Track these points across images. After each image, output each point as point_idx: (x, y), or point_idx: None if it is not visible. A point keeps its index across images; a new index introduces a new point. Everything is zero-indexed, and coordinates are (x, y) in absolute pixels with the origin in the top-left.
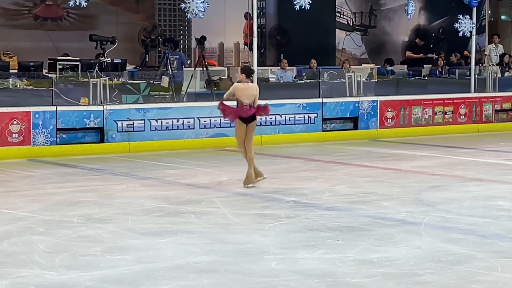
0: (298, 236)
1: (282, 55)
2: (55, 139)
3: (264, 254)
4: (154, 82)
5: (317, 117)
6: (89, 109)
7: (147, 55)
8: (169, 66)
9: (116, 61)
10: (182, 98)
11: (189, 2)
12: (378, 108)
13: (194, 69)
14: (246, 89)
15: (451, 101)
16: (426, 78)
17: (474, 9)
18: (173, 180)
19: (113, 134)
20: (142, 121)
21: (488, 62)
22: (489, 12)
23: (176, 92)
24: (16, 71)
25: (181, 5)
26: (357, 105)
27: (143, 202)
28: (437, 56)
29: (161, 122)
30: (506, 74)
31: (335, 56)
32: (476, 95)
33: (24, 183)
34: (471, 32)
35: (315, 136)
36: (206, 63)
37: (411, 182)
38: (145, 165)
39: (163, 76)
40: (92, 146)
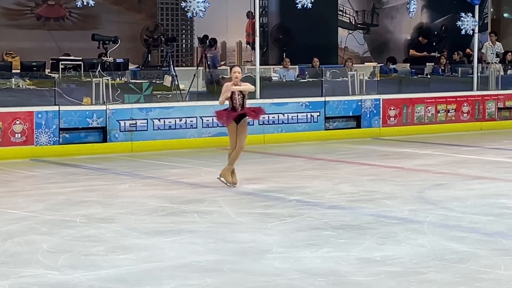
0: (301, 235)
1: (284, 54)
2: (58, 139)
3: (267, 253)
4: (157, 82)
5: (319, 115)
6: (92, 109)
7: (149, 55)
8: (171, 66)
9: (118, 60)
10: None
11: (189, 1)
12: (381, 106)
13: (197, 68)
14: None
15: (454, 99)
16: (428, 76)
17: (477, 7)
18: (176, 179)
19: (115, 134)
20: (145, 121)
21: (484, 60)
22: (492, 10)
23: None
24: (18, 71)
25: (181, 4)
26: (359, 103)
27: (146, 201)
28: (439, 54)
29: (164, 121)
30: (509, 72)
31: (337, 54)
32: (479, 93)
33: (27, 183)
34: (473, 30)
35: (317, 134)
36: (208, 63)
37: (414, 180)
38: (148, 165)
39: (165, 75)
40: (95, 146)
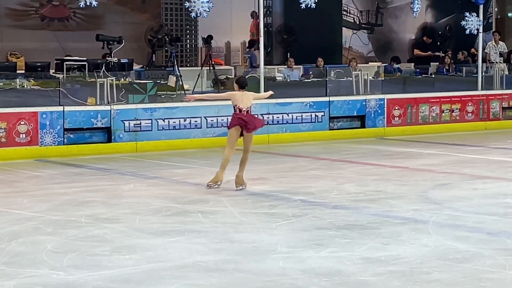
0: (306, 235)
1: (288, 53)
2: (62, 139)
3: (272, 253)
4: (161, 82)
5: (324, 115)
6: (96, 109)
7: (153, 55)
8: (176, 66)
9: (123, 61)
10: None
11: (194, 2)
12: (385, 106)
13: (201, 68)
14: (242, 96)
15: (458, 99)
16: (433, 76)
17: (481, 6)
18: (180, 179)
19: (120, 134)
20: (149, 121)
21: (488, 60)
22: (496, 9)
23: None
24: (23, 71)
25: (185, 4)
26: (364, 103)
27: (150, 201)
28: (444, 54)
29: (168, 121)
30: None
31: (342, 54)
32: (484, 92)
33: (31, 183)
34: (478, 29)
35: (322, 134)
36: (213, 62)
37: (418, 180)
38: (153, 165)
39: (169, 76)
40: (100, 146)
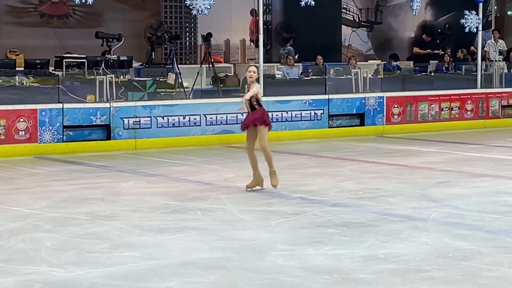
0: (305, 233)
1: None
2: (61, 136)
3: (271, 251)
4: (160, 79)
5: (323, 113)
6: (96, 107)
7: (153, 52)
8: (175, 63)
9: (122, 58)
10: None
11: None
12: (385, 104)
13: (200, 66)
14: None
15: (458, 97)
16: (432, 74)
17: (481, 4)
18: (179, 177)
19: (119, 131)
20: (149, 118)
21: (488, 58)
22: (495, 7)
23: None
24: (22, 68)
25: (186, 2)
26: (363, 101)
27: (150, 199)
28: (443, 52)
29: (168, 119)
30: None
31: (341, 52)
32: (483, 90)
33: (31, 181)
34: (477, 27)
35: (321, 132)
36: (212, 60)
37: (417, 178)
38: (152, 162)
39: (169, 73)
40: (99, 143)
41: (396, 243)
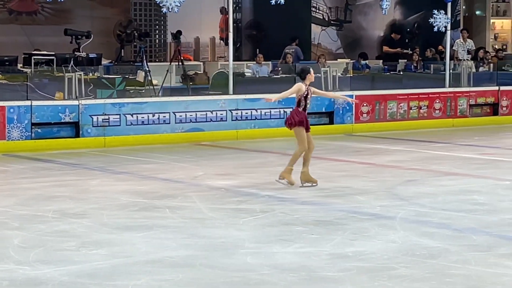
0: (273, 231)
1: (258, 49)
2: (30, 133)
3: (239, 249)
4: (130, 77)
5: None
6: (64, 104)
7: (122, 50)
8: (145, 61)
9: (91, 55)
10: None
11: None
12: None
13: (170, 64)
14: (308, 90)
15: (426, 96)
16: (401, 73)
17: (449, 4)
18: (148, 174)
19: (88, 129)
20: (118, 116)
21: (456, 57)
22: (464, 7)
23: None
24: None
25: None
26: (332, 100)
27: (118, 196)
28: (412, 51)
29: (137, 116)
30: (481, 69)
31: (310, 51)
32: (451, 90)
33: None
34: (446, 27)
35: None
36: (182, 58)
37: (386, 176)
38: (121, 160)
39: (138, 71)
40: (68, 141)
41: (364, 241)
